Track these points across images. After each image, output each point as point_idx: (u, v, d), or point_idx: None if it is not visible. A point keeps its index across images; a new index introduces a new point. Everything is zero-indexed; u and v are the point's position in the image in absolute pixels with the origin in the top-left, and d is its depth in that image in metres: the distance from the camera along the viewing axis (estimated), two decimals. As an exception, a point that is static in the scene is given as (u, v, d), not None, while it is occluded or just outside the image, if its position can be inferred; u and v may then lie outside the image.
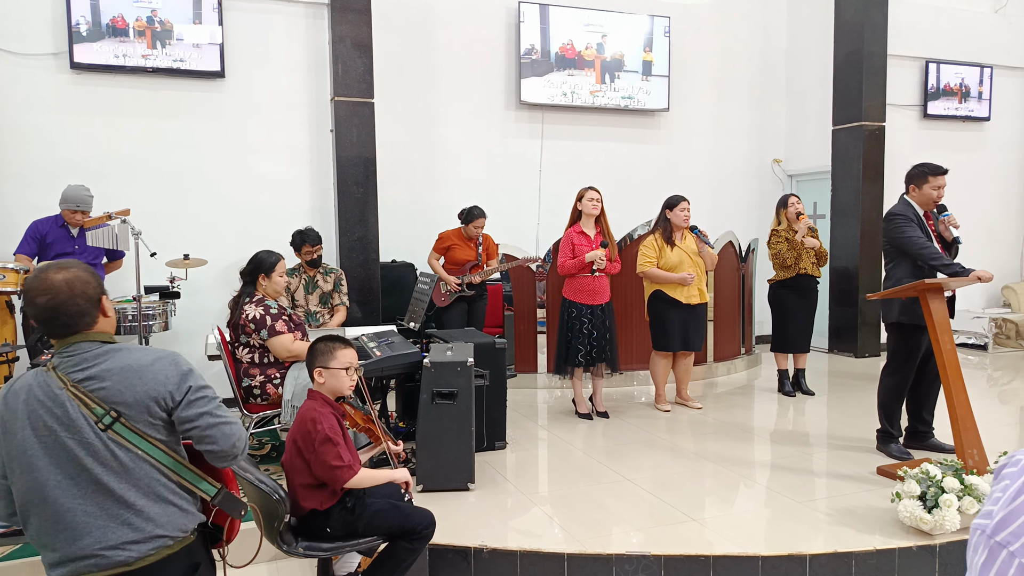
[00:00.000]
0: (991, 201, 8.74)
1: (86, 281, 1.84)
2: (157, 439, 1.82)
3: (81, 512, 1.74)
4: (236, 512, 1.95)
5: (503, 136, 7.29)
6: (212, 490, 1.90)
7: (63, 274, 1.81)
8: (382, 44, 6.59)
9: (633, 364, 6.19)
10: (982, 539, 0.94)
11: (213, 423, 1.85)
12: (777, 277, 5.80)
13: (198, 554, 1.90)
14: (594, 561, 3.01)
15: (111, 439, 1.76)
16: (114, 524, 1.75)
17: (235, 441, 1.89)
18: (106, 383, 1.78)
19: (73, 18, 5.62)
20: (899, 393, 4.31)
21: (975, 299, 8.58)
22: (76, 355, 1.81)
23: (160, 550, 1.79)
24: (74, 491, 1.75)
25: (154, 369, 1.82)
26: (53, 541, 1.76)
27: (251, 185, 6.25)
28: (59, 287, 1.80)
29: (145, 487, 1.79)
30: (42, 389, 1.78)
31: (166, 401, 1.82)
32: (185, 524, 1.85)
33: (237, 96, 6.21)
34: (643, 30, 7.56)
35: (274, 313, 3.95)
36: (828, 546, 3.08)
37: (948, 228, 4.27)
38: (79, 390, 1.77)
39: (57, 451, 1.75)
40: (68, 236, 5.08)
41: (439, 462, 3.77)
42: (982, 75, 8.53)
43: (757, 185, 8.43)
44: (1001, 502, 0.94)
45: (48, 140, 5.68)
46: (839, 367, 7.17)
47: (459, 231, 5.98)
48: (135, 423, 1.79)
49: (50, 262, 1.88)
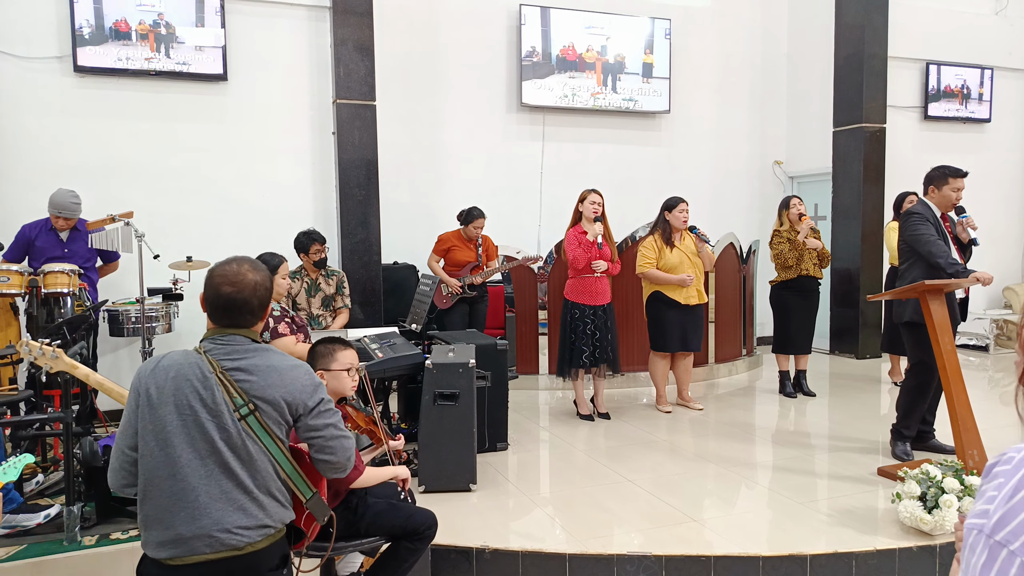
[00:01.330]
0: (992, 203, 8.74)
1: (268, 288, 1.99)
2: (279, 438, 1.92)
3: (204, 492, 1.83)
4: (321, 516, 2.07)
5: (504, 138, 7.31)
6: (309, 494, 2.02)
7: (254, 275, 1.95)
8: (384, 47, 6.61)
9: (634, 365, 6.20)
10: (980, 538, 0.93)
11: (336, 435, 2.00)
12: (779, 278, 5.81)
13: (286, 546, 2.01)
14: (595, 561, 3.03)
15: (243, 429, 1.87)
16: (231, 508, 1.84)
17: (350, 455, 2.05)
18: (252, 377, 1.89)
19: (77, 21, 5.65)
20: (922, 393, 4.24)
21: (977, 300, 8.56)
22: (229, 345, 1.93)
23: (266, 537, 1.90)
24: (202, 471, 1.84)
25: (293, 375, 1.94)
26: (171, 518, 1.83)
27: (254, 187, 6.28)
28: (247, 284, 1.93)
29: (260, 480, 1.89)
30: (192, 370, 1.89)
31: (298, 407, 1.94)
32: (284, 517, 1.96)
33: (240, 99, 6.24)
34: (644, 32, 7.58)
35: (276, 315, 3.97)
36: (829, 546, 3.09)
37: (966, 230, 4.30)
38: (227, 378, 1.88)
39: (195, 431, 1.85)
40: (57, 240, 5.07)
41: (441, 463, 3.79)
42: (983, 77, 8.54)
43: (758, 187, 8.45)
44: (998, 500, 0.92)
45: (52, 143, 5.71)
46: (840, 368, 7.17)
47: (458, 232, 6.00)
48: (267, 419, 1.90)
49: (244, 256, 1.99)
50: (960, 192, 4.26)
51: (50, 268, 4.66)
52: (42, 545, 3.17)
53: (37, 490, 3.78)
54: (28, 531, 3.28)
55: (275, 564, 1.93)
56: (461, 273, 5.90)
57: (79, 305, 4.72)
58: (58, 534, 3.22)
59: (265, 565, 1.90)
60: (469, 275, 5.88)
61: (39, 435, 3.92)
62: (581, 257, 5.02)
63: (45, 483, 3.85)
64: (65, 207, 5.00)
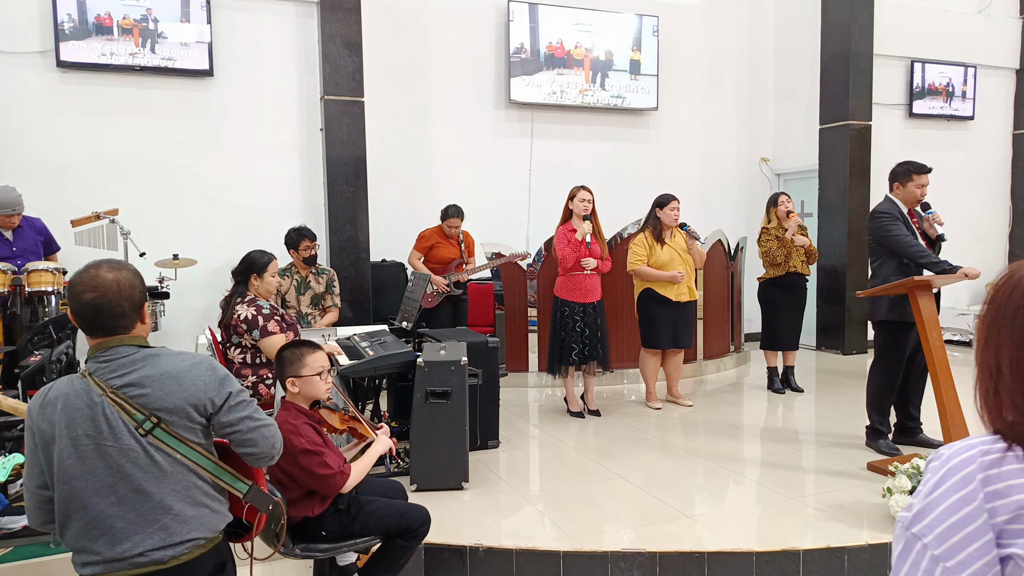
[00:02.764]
0: (976, 199, 8.84)
1: (133, 285, 1.84)
2: (195, 442, 1.83)
3: (119, 519, 1.76)
4: (264, 507, 1.98)
5: (493, 135, 7.29)
6: (244, 488, 1.93)
7: (114, 274, 1.82)
8: (372, 43, 6.58)
9: (624, 362, 6.21)
10: (899, 530, 0.95)
11: (254, 427, 1.89)
12: (767, 275, 5.84)
13: (225, 552, 1.93)
14: (589, 559, 3.03)
15: (151, 444, 1.77)
16: (152, 529, 1.77)
17: (274, 442, 1.94)
18: (146, 389, 1.78)
19: (59, 16, 5.57)
20: (889, 390, 4.35)
21: (960, 296, 8.68)
22: (114, 360, 1.81)
23: (193, 549, 1.82)
24: (112, 497, 1.76)
25: (193, 375, 1.83)
26: (92, 546, 1.77)
27: (241, 185, 6.22)
28: (109, 286, 1.80)
29: (182, 491, 1.80)
30: (80, 397, 1.78)
31: (206, 407, 1.83)
32: (216, 524, 1.87)
33: (226, 95, 6.18)
34: (632, 29, 7.58)
35: (266, 313, 3.93)
36: (820, 541, 3.11)
37: (932, 226, 4.32)
38: (119, 396, 1.77)
39: (96, 459, 1.76)
40: (3, 240, 4.99)
41: (433, 461, 3.77)
42: (966, 75, 8.62)
43: (746, 184, 8.48)
44: (921, 495, 0.95)
45: (35, 139, 5.63)
46: (827, 364, 7.23)
47: (439, 229, 5.98)
48: (175, 428, 1.80)
49: (102, 259, 1.87)
50: (925, 188, 4.29)
51: (34, 267, 4.60)
52: (28, 548, 3.12)
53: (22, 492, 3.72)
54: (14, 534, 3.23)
55: (208, 572, 1.85)
56: (447, 271, 5.88)
57: (64, 304, 4.66)
58: (44, 536, 3.17)
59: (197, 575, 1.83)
60: (454, 272, 5.87)
61: (24, 436, 3.86)
62: (570, 256, 5.02)
63: (31, 484, 3.79)
64: (15, 202, 4.89)
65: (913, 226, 4.27)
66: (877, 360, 4.40)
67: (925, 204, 4.35)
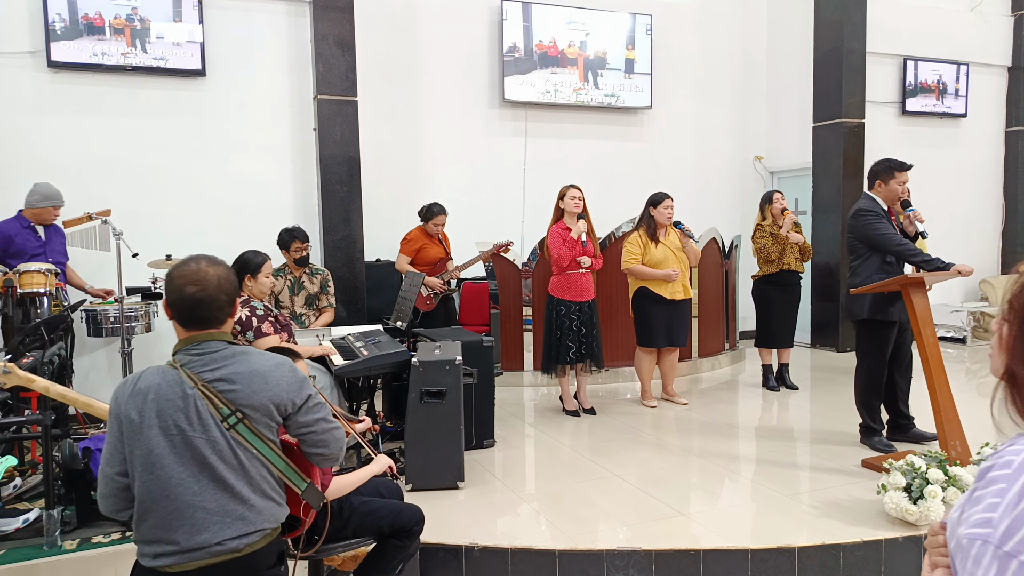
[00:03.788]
0: (968, 196, 8.87)
1: (231, 280, 1.95)
2: (269, 439, 1.92)
3: (201, 508, 1.83)
4: (316, 503, 2.09)
5: (487, 134, 7.28)
6: (304, 485, 2.02)
7: (215, 269, 1.91)
8: (365, 42, 6.56)
9: (618, 361, 6.21)
10: (986, 549, 0.88)
11: (327, 428, 2.01)
12: (761, 272, 5.84)
13: (282, 544, 2.05)
14: (585, 557, 3.03)
15: (233, 438, 1.86)
16: (230, 519, 1.85)
17: (342, 444, 2.07)
18: (236, 386, 1.86)
19: (50, 15, 5.54)
20: (876, 388, 4.36)
21: (953, 293, 8.71)
22: (206, 354, 1.89)
23: (263, 538, 1.92)
24: (195, 487, 1.83)
25: (277, 375, 1.92)
26: (172, 535, 1.83)
27: (234, 185, 6.20)
28: (210, 280, 1.89)
29: (256, 484, 1.90)
30: (173, 388, 1.85)
31: (287, 407, 1.93)
32: (280, 516, 1.98)
33: (219, 95, 6.15)
34: (625, 28, 7.58)
35: (260, 314, 3.93)
36: (815, 539, 3.11)
37: (913, 223, 4.33)
38: (209, 390, 1.85)
39: (184, 449, 1.83)
40: (35, 236, 4.98)
41: (428, 461, 3.77)
42: (959, 72, 8.64)
43: (739, 182, 8.50)
44: (1002, 508, 0.87)
45: (26, 140, 5.60)
46: (821, 361, 7.24)
47: (422, 229, 5.92)
48: (256, 425, 1.88)
49: (200, 254, 1.93)
50: (905, 186, 4.30)
51: (26, 268, 4.57)
52: (22, 550, 3.11)
53: (15, 494, 3.71)
54: (7, 536, 3.22)
55: (272, 562, 1.95)
56: (436, 271, 5.85)
57: (56, 305, 4.64)
58: (38, 539, 3.16)
59: (263, 564, 1.92)
60: (446, 272, 5.85)
61: (16, 438, 3.84)
62: (566, 255, 5.02)
63: (23, 487, 3.78)
64: (56, 196, 4.99)
65: (893, 223, 4.28)
66: (861, 360, 4.40)
67: (906, 202, 4.36)
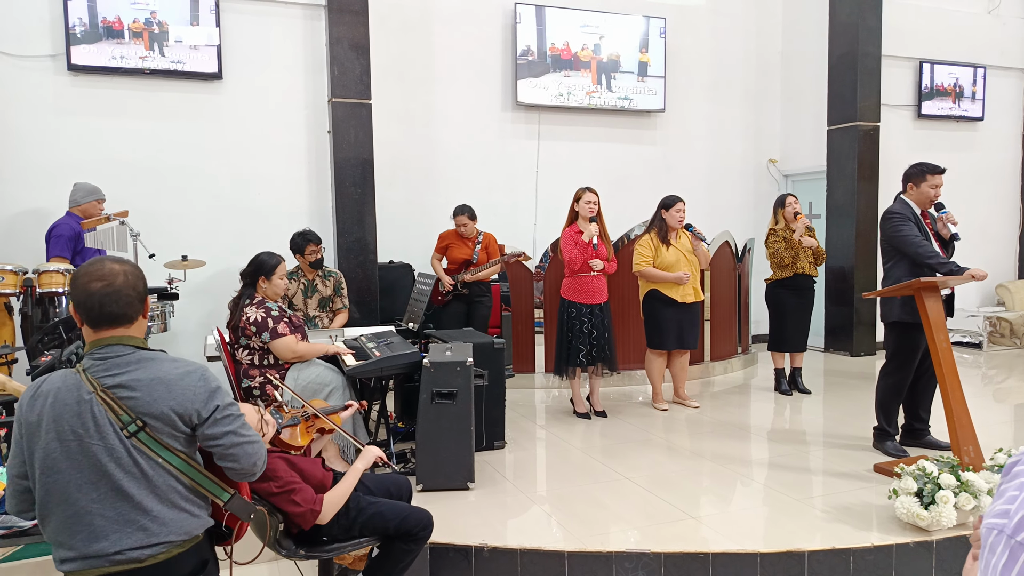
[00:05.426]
0: (985, 200, 8.79)
1: (138, 275, 1.89)
2: (178, 449, 1.84)
3: (99, 516, 1.78)
4: (246, 516, 2.00)
5: (500, 137, 7.30)
6: (226, 496, 1.93)
7: (121, 266, 1.86)
8: (379, 45, 6.61)
9: (631, 364, 6.21)
10: (1000, 539, 0.92)
11: (237, 442, 1.90)
12: (774, 276, 5.82)
13: (205, 551, 1.94)
14: (594, 559, 3.03)
15: (134, 446, 1.79)
16: (130, 529, 1.79)
17: (256, 460, 1.95)
18: (136, 393, 1.79)
19: (70, 20, 5.63)
20: (898, 392, 4.34)
21: (970, 297, 8.63)
22: (109, 359, 1.82)
23: (171, 549, 1.84)
24: (94, 495, 1.77)
25: (183, 384, 1.84)
26: (70, 541, 1.79)
27: (249, 186, 6.26)
28: (116, 275, 1.83)
29: (162, 494, 1.82)
30: (70, 393, 1.79)
31: (191, 418, 1.84)
32: (194, 529, 1.89)
33: (235, 98, 6.22)
34: (639, 31, 7.59)
35: (275, 315, 3.96)
36: (826, 543, 3.11)
37: (946, 225, 4.31)
38: (108, 396, 1.79)
39: (80, 457, 1.77)
40: (82, 239, 5.06)
41: (439, 461, 3.79)
42: (975, 75, 8.58)
43: (753, 185, 8.47)
44: (1020, 500, 0.92)
45: (46, 142, 5.69)
46: (835, 366, 7.20)
47: (454, 230, 5.99)
48: (159, 434, 1.81)
49: (105, 256, 1.92)
50: (938, 189, 4.29)
51: (44, 267, 4.64)
52: (39, 545, 3.15)
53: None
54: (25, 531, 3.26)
55: (187, 571, 1.87)
56: (457, 271, 5.89)
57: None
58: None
59: (175, 574, 1.85)
60: (462, 273, 5.87)
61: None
62: (577, 258, 5.03)
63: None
64: (98, 190, 5.17)
65: (926, 227, 4.26)
66: (889, 361, 4.38)
67: (939, 204, 4.35)
